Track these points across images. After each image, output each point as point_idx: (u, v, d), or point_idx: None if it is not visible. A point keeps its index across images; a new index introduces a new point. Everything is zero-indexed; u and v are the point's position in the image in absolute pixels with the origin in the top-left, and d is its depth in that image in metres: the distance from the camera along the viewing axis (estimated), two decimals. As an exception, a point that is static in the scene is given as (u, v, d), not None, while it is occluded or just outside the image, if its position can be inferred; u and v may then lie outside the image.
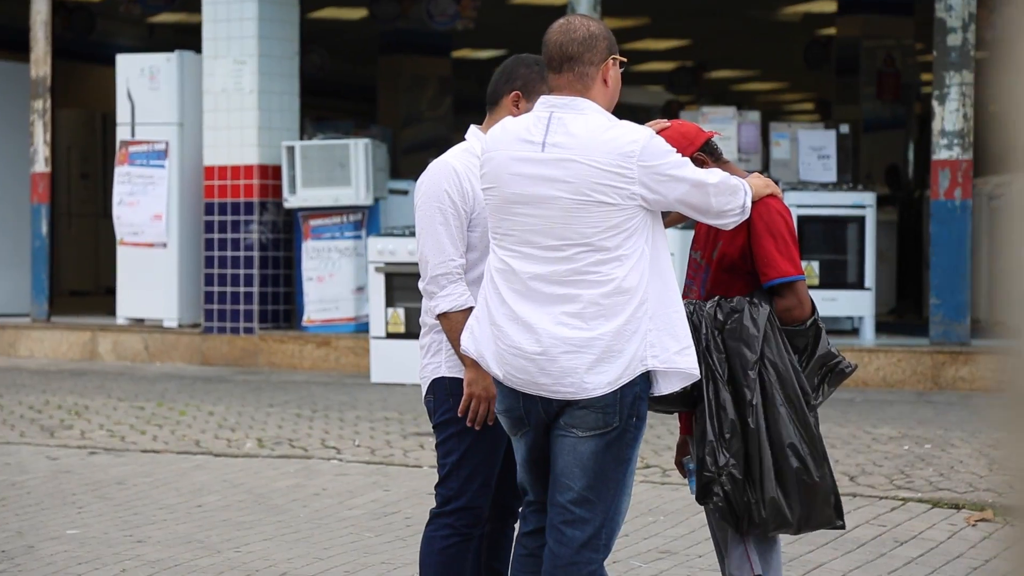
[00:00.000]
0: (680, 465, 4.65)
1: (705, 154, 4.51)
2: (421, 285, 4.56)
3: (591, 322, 4.05)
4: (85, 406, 10.57)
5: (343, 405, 10.62)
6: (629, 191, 4.04)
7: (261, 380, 12.24)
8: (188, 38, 14.44)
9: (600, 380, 4.06)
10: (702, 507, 4.48)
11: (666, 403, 4.33)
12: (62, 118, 17.70)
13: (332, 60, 21.00)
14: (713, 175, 4.18)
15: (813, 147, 12.76)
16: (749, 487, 4.33)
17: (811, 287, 12.11)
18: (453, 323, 4.46)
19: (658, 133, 4.37)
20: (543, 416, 4.17)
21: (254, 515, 7.20)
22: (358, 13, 19.72)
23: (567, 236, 4.06)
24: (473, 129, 4.69)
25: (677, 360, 4.12)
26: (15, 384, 11.91)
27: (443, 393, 4.56)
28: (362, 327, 12.68)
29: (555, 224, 4.07)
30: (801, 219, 12.06)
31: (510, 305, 4.12)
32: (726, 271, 4.50)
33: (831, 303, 12.11)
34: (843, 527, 4.51)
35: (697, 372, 4.18)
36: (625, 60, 4.24)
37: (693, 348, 4.16)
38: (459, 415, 4.50)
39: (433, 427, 4.66)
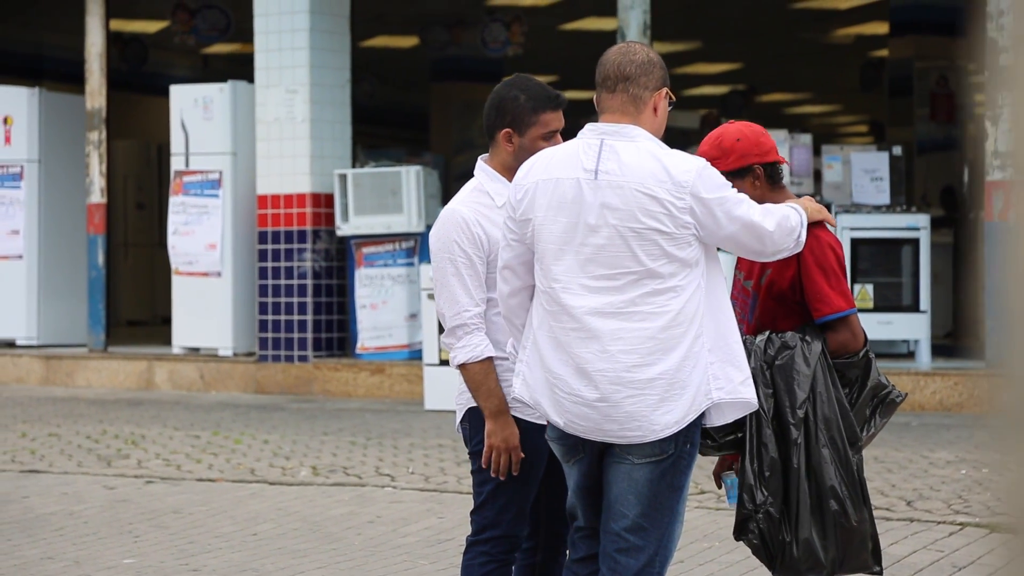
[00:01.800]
0: (718, 477, 4.62)
1: (765, 174, 4.45)
2: (442, 338, 4.59)
3: (648, 357, 4.00)
4: (142, 435, 10.64)
5: (397, 432, 10.63)
6: (682, 220, 4.01)
7: (315, 408, 12.28)
8: (243, 68, 14.54)
9: (668, 419, 4.02)
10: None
11: (716, 447, 4.33)
12: (118, 149, 17.85)
13: (384, 88, 21.10)
14: (769, 217, 4.10)
15: (866, 169, 12.70)
16: (785, 526, 4.29)
17: (866, 310, 12.04)
18: (472, 374, 4.47)
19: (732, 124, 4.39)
20: (597, 443, 4.15)
21: (309, 543, 7.21)
22: (409, 41, 19.81)
23: (622, 265, 4.02)
24: (480, 164, 4.65)
25: (742, 391, 4.09)
26: (73, 414, 12.00)
27: (478, 423, 4.56)
28: (415, 354, 12.70)
29: (609, 253, 4.03)
30: (855, 242, 11.99)
31: (565, 349, 4.07)
32: (775, 299, 4.46)
33: (886, 326, 12.03)
34: (880, 573, 4.45)
35: (756, 403, 4.16)
36: (674, 98, 4.23)
37: (751, 377, 4.14)
38: (483, 466, 4.50)
39: (469, 454, 4.68)
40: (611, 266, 4.04)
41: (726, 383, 4.06)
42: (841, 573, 4.39)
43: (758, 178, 4.43)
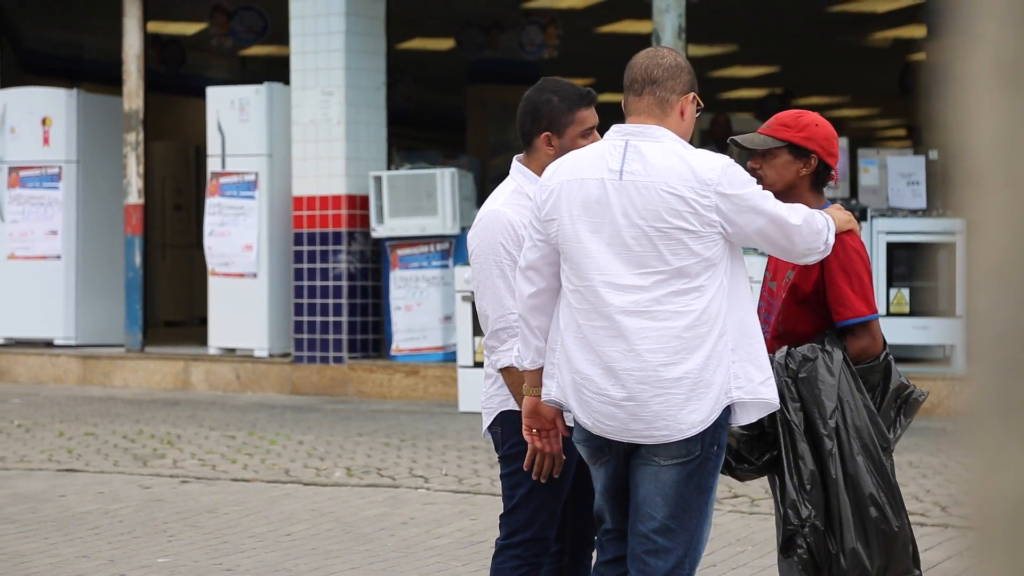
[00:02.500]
0: None
1: (816, 170, 4.44)
2: (484, 340, 4.56)
3: (674, 356, 4.01)
4: (177, 435, 10.69)
5: (431, 434, 10.65)
6: (708, 218, 4.02)
7: (350, 409, 12.31)
8: (279, 70, 14.60)
9: (694, 419, 4.02)
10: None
11: (755, 469, 4.33)
12: (156, 150, 17.94)
13: (420, 90, 21.12)
14: (795, 214, 4.11)
15: (902, 173, 12.65)
16: (830, 538, 4.28)
17: (902, 315, 11.99)
18: (516, 377, 4.43)
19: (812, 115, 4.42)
20: (623, 444, 4.15)
21: (342, 544, 7.23)
22: (445, 44, 19.84)
23: (648, 264, 4.03)
24: (516, 165, 4.64)
25: (762, 391, 4.09)
26: (109, 414, 12.06)
27: (511, 426, 4.55)
28: (450, 356, 12.72)
29: (635, 252, 4.04)
30: (891, 246, 11.94)
31: (593, 348, 4.07)
32: (798, 302, 4.45)
33: (922, 331, 11.97)
34: None
35: (778, 403, 4.16)
36: (702, 105, 4.24)
37: (773, 378, 4.15)
38: (525, 468, 4.48)
39: (500, 458, 4.66)
40: (638, 265, 4.05)
41: (746, 383, 4.06)
42: None
43: (808, 167, 4.42)
